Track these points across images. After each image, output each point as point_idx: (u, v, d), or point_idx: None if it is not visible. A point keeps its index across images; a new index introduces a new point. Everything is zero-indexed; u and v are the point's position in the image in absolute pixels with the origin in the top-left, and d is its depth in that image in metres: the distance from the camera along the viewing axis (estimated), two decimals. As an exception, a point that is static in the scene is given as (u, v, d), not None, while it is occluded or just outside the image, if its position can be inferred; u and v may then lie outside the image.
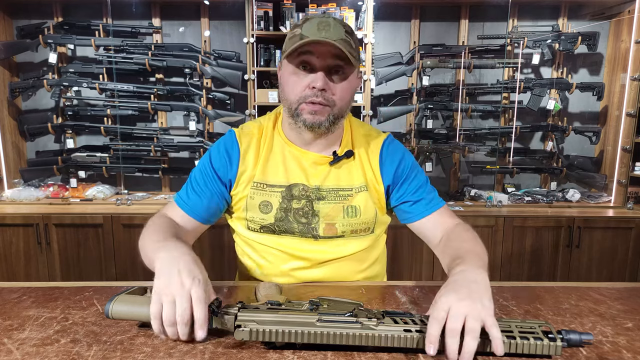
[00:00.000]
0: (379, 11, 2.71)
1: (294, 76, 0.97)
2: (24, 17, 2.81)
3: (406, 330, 0.68)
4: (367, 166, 1.08)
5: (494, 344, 0.65)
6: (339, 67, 0.95)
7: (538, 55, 2.77)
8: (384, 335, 0.67)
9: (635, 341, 0.73)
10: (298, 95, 0.96)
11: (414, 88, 2.88)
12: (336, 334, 0.68)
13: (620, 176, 2.77)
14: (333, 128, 1.01)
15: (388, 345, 0.68)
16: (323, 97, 0.95)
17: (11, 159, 2.85)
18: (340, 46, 0.91)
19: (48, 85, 2.70)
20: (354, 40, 0.96)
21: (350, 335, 0.68)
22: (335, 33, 0.92)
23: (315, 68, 0.95)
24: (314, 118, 0.97)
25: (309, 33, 0.92)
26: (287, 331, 0.68)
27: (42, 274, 2.53)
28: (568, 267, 2.60)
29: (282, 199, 1.04)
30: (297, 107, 0.97)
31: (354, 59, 0.94)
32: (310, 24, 0.94)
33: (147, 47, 2.72)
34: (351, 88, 1.00)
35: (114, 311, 0.73)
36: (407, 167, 1.09)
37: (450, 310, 0.66)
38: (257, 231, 1.07)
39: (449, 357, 0.65)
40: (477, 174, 3.03)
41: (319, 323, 0.68)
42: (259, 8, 2.58)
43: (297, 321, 0.69)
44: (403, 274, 2.58)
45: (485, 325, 0.65)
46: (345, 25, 0.95)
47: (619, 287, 0.98)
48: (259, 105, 2.67)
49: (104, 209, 2.56)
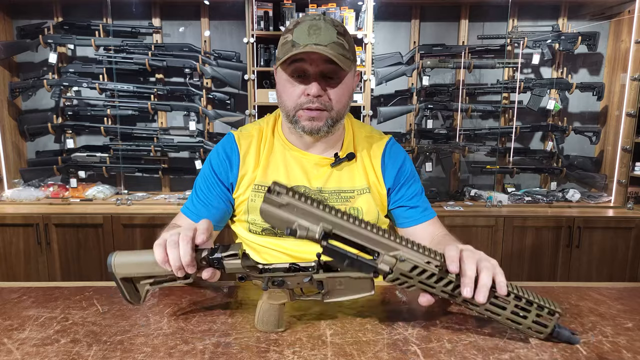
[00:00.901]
0: (379, 11, 2.71)
1: (288, 84, 0.97)
2: (24, 17, 2.81)
3: (427, 262, 0.69)
4: (370, 168, 1.08)
5: (499, 286, 0.68)
6: (332, 72, 0.94)
7: (538, 55, 2.77)
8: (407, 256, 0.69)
9: (635, 341, 0.73)
10: (294, 103, 0.96)
11: (414, 88, 2.88)
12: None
13: (620, 176, 2.77)
14: (333, 130, 1.01)
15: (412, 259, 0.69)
16: (319, 103, 0.95)
17: (11, 159, 2.85)
18: (331, 52, 0.89)
19: (48, 85, 2.70)
20: (347, 40, 0.94)
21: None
22: (326, 37, 0.91)
23: (308, 74, 0.94)
24: (312, 124, 0.97)
25: (300, 39, 0.91)
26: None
27: (42, 274, 2.53)
28: (568, 267, 2.60)
29: None
30: (294, 115, 0.97)
31: (348, 61, 0.93)
32: (300, 28, 0.92)
33: (147, 47, 2.72)
34: (347, 90, 0.99)
35: (117, 263, 0.74)
36: (407, 172, 1.09)
37: (462, 252, 0.70)
38: (258, 234, 1.06)
39: (465, 283, 0.67)
40: (477, 174, 3.03)
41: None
42: (259, 8, 2.58)
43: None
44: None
45: (493, 272, 0.69)
46: (337, 25, 0.94)
47: (619, 287, 0.98)
48: (259, 105, 2.67)
49: (104, 209, 2.56)
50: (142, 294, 0.76)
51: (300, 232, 0.67)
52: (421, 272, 0.69)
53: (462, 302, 0.71)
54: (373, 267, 0.69)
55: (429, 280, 0.70)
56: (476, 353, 0.68)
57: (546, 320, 0.70)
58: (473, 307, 0.71)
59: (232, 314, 0.82)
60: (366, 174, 1.07)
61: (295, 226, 0.67)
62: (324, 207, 0.68)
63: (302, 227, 0.67)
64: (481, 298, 0.67)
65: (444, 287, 0.70)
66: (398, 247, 0.69)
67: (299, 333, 0.74)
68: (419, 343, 0.71)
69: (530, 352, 0.68)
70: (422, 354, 0.68)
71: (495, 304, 0.70)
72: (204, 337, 0.73)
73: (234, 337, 0.73)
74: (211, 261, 0.72)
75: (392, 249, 0.69)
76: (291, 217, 0.67)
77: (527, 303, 0.70)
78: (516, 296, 0.70)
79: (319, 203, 0.68)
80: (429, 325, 0.77)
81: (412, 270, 0.69)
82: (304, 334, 0.74)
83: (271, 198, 0.67)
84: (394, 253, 0.69)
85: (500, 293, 0.68)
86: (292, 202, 0.67)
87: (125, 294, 0.75)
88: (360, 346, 0.70)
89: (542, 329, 0.70)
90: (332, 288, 0.74)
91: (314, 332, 0.74)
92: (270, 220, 0.68)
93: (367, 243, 0.69)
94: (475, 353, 0.68)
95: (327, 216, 0.67)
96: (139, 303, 0.76)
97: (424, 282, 0.70)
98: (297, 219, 0.67)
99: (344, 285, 0.73)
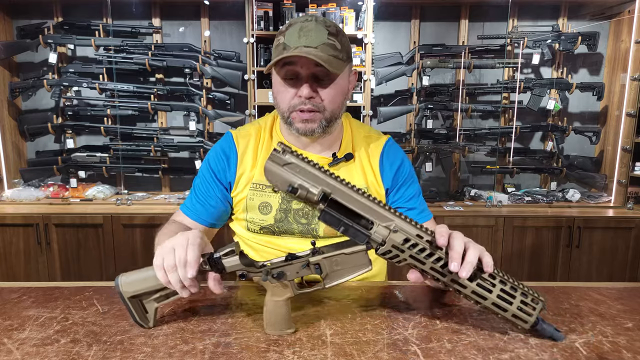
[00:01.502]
0: (379, 11, 2.71)
1: (281, 86, 0.97)
2: (24, 17, 2.81)
3: (418, 235, 0.71)
4: (368, 168, 1.08)
5: (486, 265, 0.71)
6: (323, 74, 0.94)
7: (538, 55, 2.77)
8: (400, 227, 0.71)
9: (635, 341, 0.73)
10: (287, 104, 0.97)
11: (414, 88, 2.88)
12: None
13: (620, 176, 2.77)
14: (328, 131, 1.01)
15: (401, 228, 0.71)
16: (312, 104, 0.95)
17: (11, 159, 2.85)
18: (320, 55, 0.89)
19: (48, 85, 2.70)
20: (339, 40, 0.94)
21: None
22: (316, 39, 0.90)
23: (300, 77, 0.94)
24: (305, 126, 0.97)
25: (290, 42, 0.91)
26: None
27: (42, 274, 2.53)
28: (568, 267, 2.60)
29: (281, 199, 1.04)
30: (288, 116, 0.98)
31: (339, 62, 0.93)
32: (292, 30, 0.92)
33: (147, 47, 2.72)
34: (341, 90, 0.99)
35: (123, 282, 0.75)
36: (406, 173, 1.10)
37: (451, 234, 0.72)
38: (257, 232, 1.07)
39: (453, 257, 0.69)
40: (477, 174, 3.03)
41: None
42: (259, 8, 2.58)
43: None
44: (403, 273, 2.58)
45: (480, 253, 0.71)
46: (329, 26, 0.94)
47: (619, 287, 0.98)
48: (259, 105, 2.67)
49: (104, 209, 2.56)
50: (151, 314, 0.76)
51: (301, 192, 0.70)
52: (412, 246, 0.71)
53: (450, 282, 0.72)
54: (366, 236, 0.71)
55: (420, 255, 0.71)
56: (476, 353, 0.68)
57: (530, 308, 0.71)
58: (461, 290, 0.73)
59: (232, 314, 0.82)
60: (364, 174, 1.07)
61: (297, 185, 0.70)
62: (325, 171, 0.71)
63: (302, 187, 0.70)
64: (464, 273, 0.69)
65: (434, 263, 0.72)
66: (392, 217, 0.71)
67: (299, 333, 0.74)
68: (419, 343, 0.71)
69: (530, 352, 0.68)
70: (422, 354, 0.68)
71: (482, 286, 0.71)
72: (204, 337, 0.73)
73: (234, 337, 0.73)
74: (210, 262, 0.73)
75: (387, 220, 0.71)
76: (293, 177, 0.70)
77: (511, 288, 0.72)
78: (501, 280, 0.72)
79: (320, 167, 0.71)
80: (429, 325, 0.77)
81: (404, 243, 0.70)
82: (304, 334, 0.74)
83: (277, 156, 0.71)
84: (387, 224, 0.71)
85: (487, 271, 0.71)
86: (295, 162, 0.70)
87: (135, 316, 0.75)
88: (360, 346, 0.70)
89: (527, 317, 0.71)
90: (330, 270, 0.74)
91: (314, 332, 0.74)
92: (273, 178, 0.71)
93: (363, 211, 0.71)
94: (475, 353, 0.68)
95: (327, 179, 0.71)
96: (148, 325, 0.76)
97: (415, 257, 0.72)
98: (298, 179, 0.70)
99: (340, 265, 0.74)
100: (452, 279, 0.72)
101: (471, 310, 0.83)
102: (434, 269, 0.72)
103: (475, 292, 0.72)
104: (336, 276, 0.75)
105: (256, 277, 0.74)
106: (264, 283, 0.73)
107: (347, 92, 1.03)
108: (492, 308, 0.72)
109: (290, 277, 0.74)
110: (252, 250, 1.09)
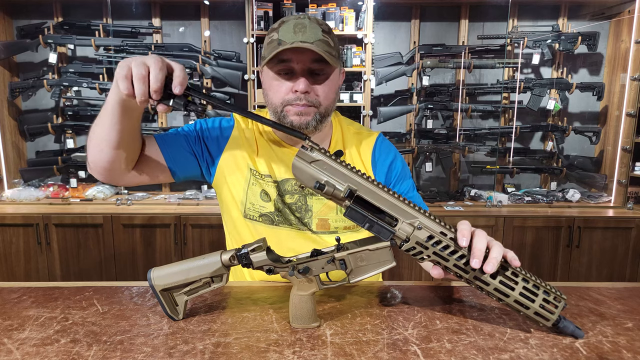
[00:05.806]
0: (379, 11, 2.71)
1: (275, 81, 0.97)
2: (24, 17, 2.81)
3: (442, 232, 0.72)
4: (359, 165, 1.08)
5: (511, 260, 0.71)
6: (319, 68, 0.95)
7: (538, 55, 2.78)
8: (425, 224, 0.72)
9: (635, 341, 0.73)
10: (281, 99, 0.96)
11: (414, 88, 2.88)
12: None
13: (620, 176, 2.77)
14: (320, 127, 1.00)
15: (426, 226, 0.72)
16: (307, 100, 0.95)
17: (11, 159, 2.85)
18: (318, 49, 0.90)
19: (48, 85, 2.70)
20: (332, 38, 0.95)
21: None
22: (311, 35, 0.91)
23: (295, 72, 0.94)
24: (300, 119, 0.96)
25: (286, 37, 0.91)
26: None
27: (42, 274, 2.53)
28: (568, 267, 2.60)
29: (277, 195, 1.03)
30: (282, 110, 0.97)
31: (334, 59, 0.94)
32: (286, 27, 0.93)
33: (147, 47, 2.72)
34: (334, 86, 1.00)
35: (155, 276, 0.76)
36: (399, 168, 1.09)
37: (474, 231, 0.73)
38: (255, 219, 1.05)
39: (475, 255, 0.69)
40: (477, 174, 3.03)
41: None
42: (259, 8, 2.58)
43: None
44: (403, 273, 2.58)
45: (504, 250, 0.71)
46: (322, 24, 0.95)
47: (619, 287, 0.98)
48: (259, 105, 2.67)
49: (104, 209, 2.56)
50: (181, 307, 0.78)
51: (328, 188, 0.71)
52: (436, 243, 0.72)
53: (473, 279, 0.73)
54: (391, 233, 0.72)
55: (444, 252, 0.72)
56: (476, 353, 0.68)
57: (552, 306, 0.71)
58: (483, 287, 0.73)
59: (232, 314, 0.82)
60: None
61: (324, 182, 0.71)
62: (351, 168, 0.72)
63: (329, 184, 0.71)
64: (489, 268, 0.69)
65: (457, 260, 0.72)
66: (417, 214, 0.72)
67: (299, 333, 0.74)
68: (419, 343, 0.71)
69: (530, 352, 0.68)
70: (422, 354, 0.68)
71: (504, 284, 0.72)
72: (204, 337, 0.73)
73: (234, 337, 0.73)
74: (239, 257, 0.75)
75: (411, 217, 0.72)
76: (320, 174, 0.72)
77: (534, 286, 0.72)
78: (524, 278, 0.72)
79: (347, 164, 0.72)
80: (429, 325, 0.77)
81: (428, 240, 0.71)
82: (304, 334, 0.74)
83: (305, 153, 0.72)
84: (411, 220, 0.72)
85: (515, 265, 0.71)
86: (322, 159, 0.72)
87: (165, 308, 0.77)
88: (360, 346, 0.70)
89: (549, 315, 0.71)
90: (355, 266, 0.75)
91: (314, 332, 0.74)
92: (300, 175, 0.73)
93: (388, 208, 0.72)
94: (475, 353, 0.68)
95: (354, 177, 0.72)
96: (178, 317, 0.78)
97: (438, 254, 0.72)
98: (325, 176, 0.72)
99: (365, 261, 0.75)
100: (475, 275, 0.72)
101: (471, 310, 0.83)
102: (457, 266, 0.73)
103: (498, 290, 0.72)
104: (360, 272, 0.76)
105: (283, 272, 0.75)
106: (290, 278, 0.75)
107: (338, 89, 1.04)
108: (514, 305, 0.72)
109: (316, 272, 0.75)
110: (244, 240, 1.05)
